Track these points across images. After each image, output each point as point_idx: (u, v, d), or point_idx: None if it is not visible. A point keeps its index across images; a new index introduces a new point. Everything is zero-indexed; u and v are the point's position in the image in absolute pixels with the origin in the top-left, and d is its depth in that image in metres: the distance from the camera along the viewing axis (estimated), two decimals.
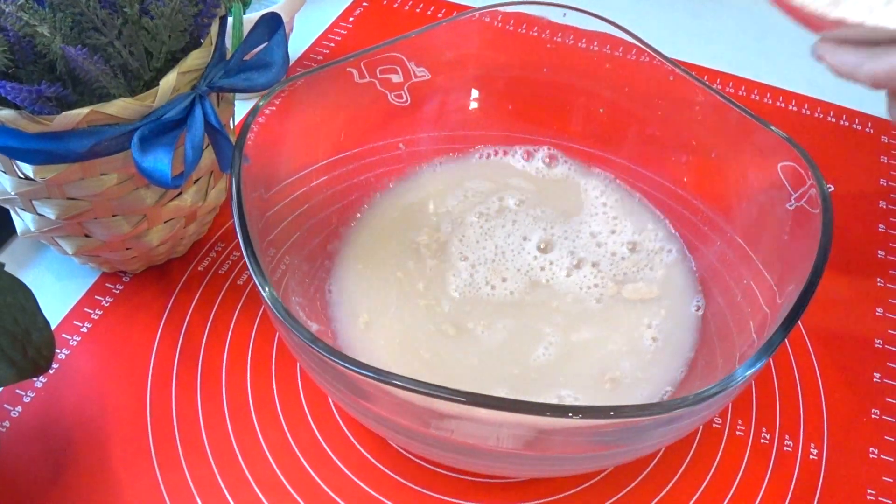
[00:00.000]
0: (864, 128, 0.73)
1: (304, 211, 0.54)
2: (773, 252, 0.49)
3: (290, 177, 0.53)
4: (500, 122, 0.62)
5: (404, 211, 0.58)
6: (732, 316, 0.51)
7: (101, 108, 0.44)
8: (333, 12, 0.82)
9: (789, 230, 0.48)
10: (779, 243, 0.49)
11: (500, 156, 0.62)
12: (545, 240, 0.56)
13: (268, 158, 0.51)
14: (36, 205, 0.49)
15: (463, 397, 0.37)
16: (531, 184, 0.60)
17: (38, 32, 0.42)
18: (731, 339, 0.49)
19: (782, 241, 0.49)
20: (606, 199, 0.59)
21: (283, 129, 0.52)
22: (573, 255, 0.55)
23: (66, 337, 0.54)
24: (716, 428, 0.51)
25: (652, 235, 0.57)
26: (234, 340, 0.54)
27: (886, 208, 0.66)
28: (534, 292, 0.53)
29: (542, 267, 0.55)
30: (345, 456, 0.49)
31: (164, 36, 0.45)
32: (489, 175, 0.61)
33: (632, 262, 0.55)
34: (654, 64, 0.55)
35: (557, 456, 0.43)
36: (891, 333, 0.57)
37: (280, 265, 0.51)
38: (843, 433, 0.52)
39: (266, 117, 0.51)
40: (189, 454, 0.49)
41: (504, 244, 0.56)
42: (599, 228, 0.57)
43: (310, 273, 0.53)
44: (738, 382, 0.39)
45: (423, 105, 0.60)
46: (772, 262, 0.49)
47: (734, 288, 0.52)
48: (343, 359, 0.37)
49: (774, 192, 0.49)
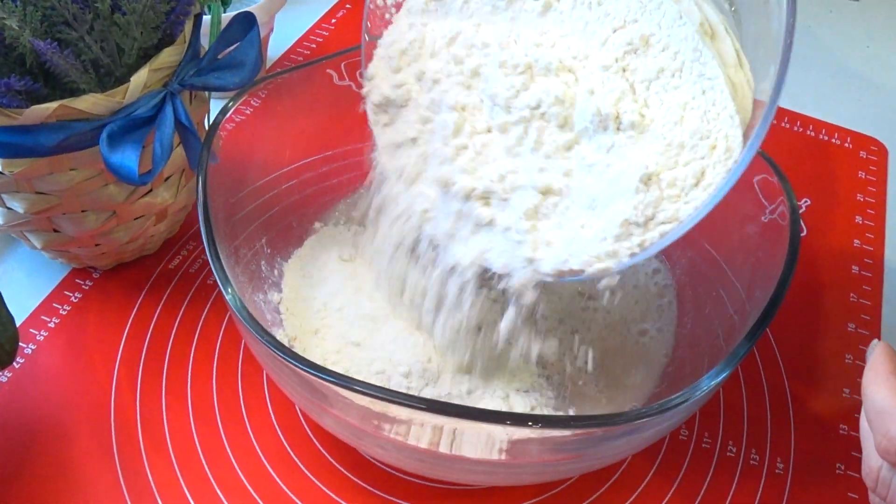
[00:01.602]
0: (843, 143, 0.73)
1: (274, 213, 0.53)
2: (746, 264, 0.49)
3: (263, 177, 0.53)
4: None
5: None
6: (702, 326, 0.51)
7: (70, 102, 0.44)
8: (316, 13, 0.82)
9: (762, 243, 0.48)
10: (751, 255, 0.49)
11: None
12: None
13: (241, 157, 0.51)
14: (5, 198, 0.49)
15: (423, 404, 0.36)
16: None
17: (7, 25, 0.41)
18: (701, 349, 0.49)
19: (755, 253, 0.49)
20: None
21: (258, 129, 0.52)
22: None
23: (34, 332, 0.54)
24: (682, 440, 0.51)
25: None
26: (201, 340, 0.54)
27: (863, 223, 0.66)
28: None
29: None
30: (307, 458, 0.49)
31: (136, 32, 0.45)
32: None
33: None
34: None
35: (519, 463, 0.42)
36: (861, 349, 0.57)
37: (250, 265, 0.51)
38: (810, 448, 0.52)
39: (244, 116, 0.51)
40: (151, 453, 0.49)
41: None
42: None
43: (277, 275, 0.53)
44: (702, 392, 0.39)
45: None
46: (743, 274, 0.49)
47: (705, 298, 0.52)
48: (303, 362, 0.37)
49: (750, 204, 0.49)
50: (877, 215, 0.67)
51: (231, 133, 0.50)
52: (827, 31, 0.86)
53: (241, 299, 0.40)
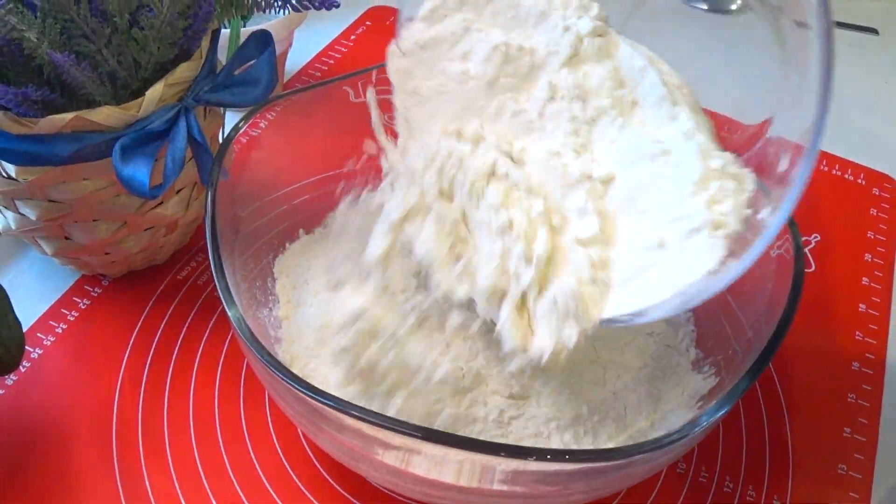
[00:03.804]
0: (856, 179, 0.73)
1: (283, 229, 0.54)
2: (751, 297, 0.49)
3: (273, 193, 0.54)
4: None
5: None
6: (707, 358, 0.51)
7: (85, 114, 0.45)
8: (335, 30, 0.82)
9: (769, 277, 0.48)
10: (757, 289, 0.49)
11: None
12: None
13: (252, 173, 0.51)
14: (18, 204, 0.50)
15: (419, 432, 0.37)
16: None
17: (26, 37, 0.42)
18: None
19: (760, 287, 0.49)
20: None
21: (271, 144, 0.53)
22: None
23: (41, 336, 0.55)
24: (679, 473, 0.51)
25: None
26: (205, 351, 0.54)
27: (871, 261, 0.66)
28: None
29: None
30: (305, 477, 0.49)
31: (153, 47, 0.46)
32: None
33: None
34: None
35: (514, 492, 0.42)
36: (865, 388, 0.57)
37: (256, 280, 0.51)
38: (809, 487, 0.51)
39: (258, 131, 0.51)
40: (151, 462, 0.49)
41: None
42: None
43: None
44: (700, 428, 0.39)
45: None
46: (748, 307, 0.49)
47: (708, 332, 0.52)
48: (303, 385, 0.37)
49: None
50: (886, 253, 0.66)
51: (244, 147, 0.50)
52: (846, 65, 0.86)
53: (243, 318, 0.40)
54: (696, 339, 0.52)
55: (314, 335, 0.48)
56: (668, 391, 0.49)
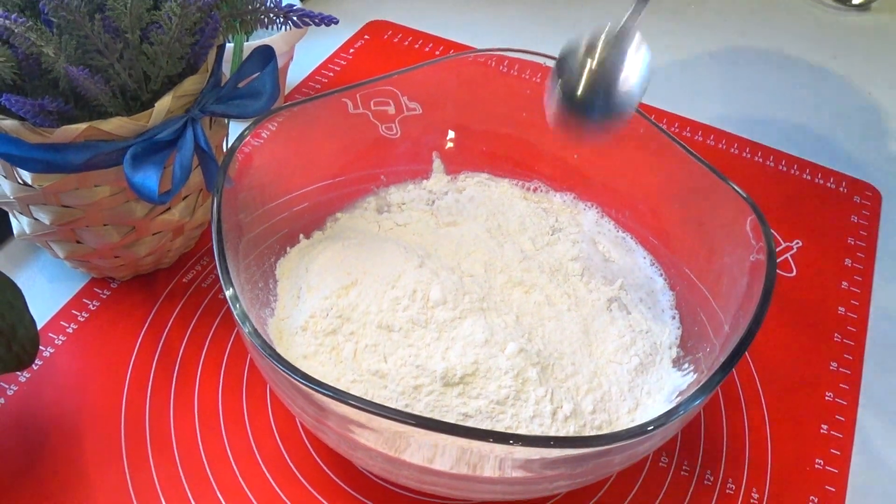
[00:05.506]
0: (837, 187, 0.76)
1: (284, 234, 0.56)
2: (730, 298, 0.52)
3: (275, 199, 0.56)
4: (480, 161, 0.65)
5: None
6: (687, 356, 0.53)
7: (98, 124, 0.47)
8: (334, 44, 0.85)
9: (748, 281, 0.51)
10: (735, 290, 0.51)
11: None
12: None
13: (255, 180, 0.54)
14: (32, 209, 0.52)
15: (413, 420, 0.39)
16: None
17: (44, 52, 0.45)
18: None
19: (742, 290, 0.51)
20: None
21: (273, 153, 0.55)
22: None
23: (53, 336, 0.57)
24: (661, 467, 0.54)
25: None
26: (210, 350, 0.57)
27: (851, 266, 0.68)
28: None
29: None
30: (304, 468, 0.52)
31: (163, 61, 0.48)
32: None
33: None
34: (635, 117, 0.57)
35: (500, 478, 0.45)
36: (842, 387, 0.59)
37: (259, 282, 0.54)
38: (786, 480, 0.54)
39: (261, 140, 0.54)
40: (158, 456, 0.51)
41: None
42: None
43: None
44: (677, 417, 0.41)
45: (411, 138, 0.63)
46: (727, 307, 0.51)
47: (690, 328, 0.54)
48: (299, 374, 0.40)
49: (741, 245, 0.51)
50: (865, 259, 0.69)
51: (247, 156, 0.53)
52: (830, 76, 0.89)
53: (247, 315, 0.43)
54: (680, 339, 0.55)
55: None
56: (650, 387, 0.51)
